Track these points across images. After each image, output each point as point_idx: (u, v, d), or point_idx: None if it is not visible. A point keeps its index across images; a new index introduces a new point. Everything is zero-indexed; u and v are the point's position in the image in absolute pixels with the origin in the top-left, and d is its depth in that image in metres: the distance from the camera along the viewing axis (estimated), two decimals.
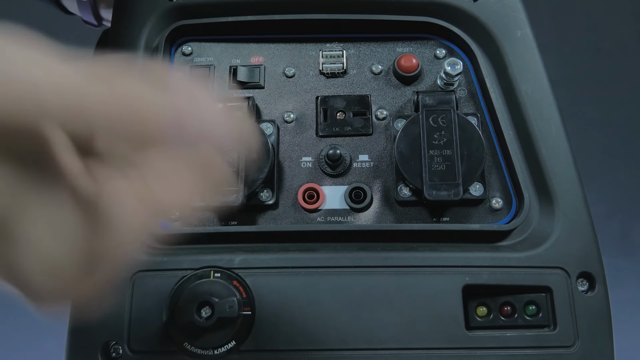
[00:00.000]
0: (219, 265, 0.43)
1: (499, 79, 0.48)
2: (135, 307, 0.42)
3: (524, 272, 0.43)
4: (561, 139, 0.46)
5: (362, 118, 0.48)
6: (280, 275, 0.43)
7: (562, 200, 0.45)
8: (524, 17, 0.49)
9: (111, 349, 0.42)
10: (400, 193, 0.45)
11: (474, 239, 0.45)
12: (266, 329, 0.42)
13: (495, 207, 0.46)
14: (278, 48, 0.50)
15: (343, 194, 0.46)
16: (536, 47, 0.48)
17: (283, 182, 0.47)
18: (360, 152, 0.47)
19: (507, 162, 0.46)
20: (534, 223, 0.45)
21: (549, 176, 0.45)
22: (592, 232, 0.44)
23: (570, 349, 0.42)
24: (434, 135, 0.44)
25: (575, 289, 0.43)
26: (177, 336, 0.41)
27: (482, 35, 0.49)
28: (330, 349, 0.41)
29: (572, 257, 0.43)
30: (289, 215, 0.46)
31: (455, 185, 0.43)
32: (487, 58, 0.49)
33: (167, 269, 0.43)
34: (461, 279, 0.42)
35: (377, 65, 0.49)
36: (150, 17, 0.48)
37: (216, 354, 0.41)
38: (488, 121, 0.48)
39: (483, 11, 0.49)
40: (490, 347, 0.41)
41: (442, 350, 0.41)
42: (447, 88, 0.48)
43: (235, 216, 0.46)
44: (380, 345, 0.41)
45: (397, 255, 0.43)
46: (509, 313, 0.43)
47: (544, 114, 0.46)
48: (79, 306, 0.41)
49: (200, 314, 0.40)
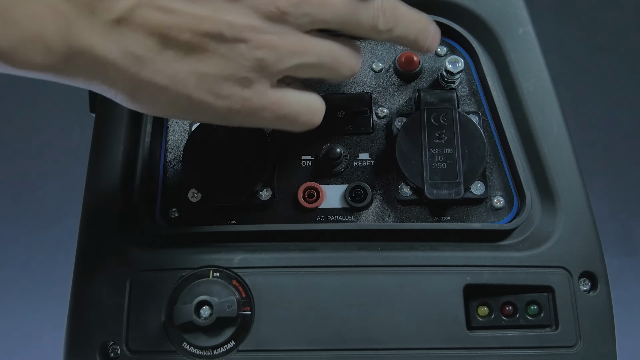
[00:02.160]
0: (218, 264, 0.43)
1: (500, 77, 0.48)
2: (133, 306, 0.42)
3: (526, 271, 0.42)
4: (563, 137, 0.46)
5: (363, 116, 0.48)
6: (280, 275, 0.42)
7: (564, 199, 0.44)
8: (525, 15, 0.48)
9: (109, 348, 0.42)
10: (400, 192, 0.45)
11: (475, 238, 0.45)
12: (266, 328, 0.41)
13: (497, 206, 0.46)
14: None
15: (343, 193, 0.46)
16: (538, 44, 0.48)
17: (283, 180, 0.47)
18: (360, 151, 0.47)
19: (509, 160, 0.46)
20: (535, 222, 0.45)
21: (550, 175, 0.45)
22: (594, 231, 0.44)
23: (572, 349, 0.41)
24: (434, 133, 0.44)
25: (578, 288, 0.42)
26: (176, 336, 0.41)
27: (484, 32, 0.48)
28: (330, 349, 0.41)
29: (574, 257, 0.43)
30: (288, 214, 0.46)
31: (456, 184, 0.43)
32: (489, 56, 0.48)
33: (165, 268, 0.43)
34: (462, 278, 0.42)
35: (377, 63, 0.49)
36: None
37: (215, 354, 0.41)
38: (489, 119, 0.47)
39: (484, 8, 0.48)
40: (492, 347, 0.41)
41: (443, 350, 0.41)
42: (448, 86, 0.48)
43: (234, 215, 0.46)
44: (381, 346, 0.41)
45: (398, 255, 0.43)
46: (510, 313, 0.43)
47: (545, 112, 0.46)
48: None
49: (199, 314, 0.40)
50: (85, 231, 0.44)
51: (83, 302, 0.42)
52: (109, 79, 0.32)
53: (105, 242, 0.44)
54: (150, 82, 0.32)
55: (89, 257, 0.43)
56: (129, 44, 0.31)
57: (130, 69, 0.31)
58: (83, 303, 0.42)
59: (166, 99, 0.33)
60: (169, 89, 0.32)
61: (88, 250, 0.44)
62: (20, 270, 1.36)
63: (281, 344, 0.41)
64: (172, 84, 0.32)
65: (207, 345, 0.41)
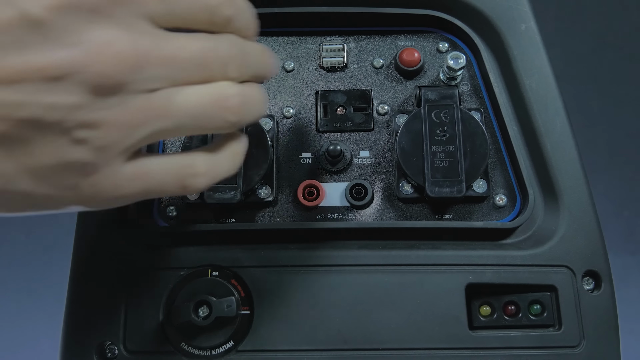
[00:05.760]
0: (216, 263, 0.42)
1: (502, 74, 0.47)
2: (131, 306, 0.42)
3: (529, 270, 0.42)
4: (566, 134, 0.45)
5: (363, 113, 0.47)
6: (280, 274, 0.42)
7: (567, 197, 0.44)
8: (528, 10, 0.48)
9: (106, 349, 0.41)
10: (401, 190, 0.45)
11: (477, 236, 0.44)
12: (265, 328, 0.41)
13: (499, 204, 0.45)
14: (277, 41, 0.49)
15: (343, 190, 0.46)
16: (541, 40, 0.47)
17: (282, 178, 0.46)
18: (361, 148, 0.47)
19: (511, 158, 0.45)
20: (538, 220, 0.44)
21: (553, 172, 0.44)
22: (597, 230, 0.44)
23: (575, 349, 0.41)
24: (436, 130, 0.44)
25: (581, 287, 0.42)
26: (174, 336, 0.41)
27: (486, 28, 0.48)
28: (330, 349, 0.41)
29: (578, 255, 0.43)
30: (288, 212, 0.46)
31: (458, 182, 0.42)
32: (491, 52, 0.48)
33: (163, 267, 0.43)
34: (464, 277, 0.42)
35: (378, 59, 0.49)
36: None
37: (214, 354, 0.41)
38: (492, 116, 0.47)
39: (487, 4, 0.48)
40: (494, 347, 0.41)
41: (445, 350, 0.41)
42: (450, 82, 0.47)
43: (233, 214, 0.45)
44: (382, 345, 0.41)
45: (399, 254, 0.43)
46: (513, 312, 0.42)
47: (548, 109, 0.45)
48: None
49: (197, 313, 0.40)
50: (82, 230, 0.44)
51: (80, 302, 0.42)
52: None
53: (102, 240, 0.43)
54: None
55: (86, 256, 0.43)
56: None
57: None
58: (80, 303, 0.42)
59: (3, 200, 0.28)
60: (1, 190, 0.27)
61: (85, 249, 0.43)
62: (16, 269, 1.36)
63: (281, 344, 0.41)
64: (2, 184, 0.26)
65: (205, 345, 0.41)
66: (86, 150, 0.27)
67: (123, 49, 0.26)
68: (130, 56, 0.26)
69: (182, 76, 0.29)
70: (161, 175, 0.30)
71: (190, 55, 0.29)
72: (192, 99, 0.29)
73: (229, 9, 0.30)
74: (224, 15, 0.30)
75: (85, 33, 0.26)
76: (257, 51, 0.33)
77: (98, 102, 0.26)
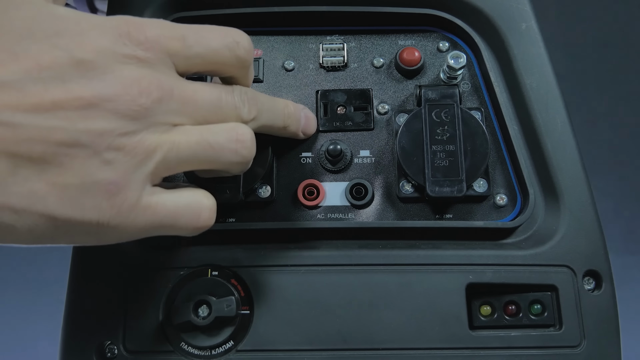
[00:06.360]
0: (216, 263, 0.42)
1: (503, 73, 0.47)
2: (131, 306, 0.42)
3: (529, 270, 0.42)
4: (567, 134, 0.45)
5: (363, 112, 0.47)
6: (280, 274, 0.42)
7: (567, 197, 0.44)
8: (529, 9, 0.48)
9: (106, 349, 0.41)
10: (402, 189, 0.45)
11: (478, 236, 0.44)
12: (265, 328, 0.41)
13: (500, 203, 0.45)
14: (277, 41, 0.49)
15: (344, 190, 0.45)
16: (541, 40, 0.47)
17: (282, 178, 0.46)
18: (361, 148, 0.47)
19: (512, 157, 0.45)
20: (539, 220, 0.44)
21: (554, 172, 0.44)
22: (598, 229, 0.43)
23: (576, 349, 0.41)
24: (436, 130, 0.43)
25: (582, 287, 0.42)
26: (174, 336, 0.41)
27: (486, 27, 0.48)
28: (330, 348, 0.41)
29: (578, 255, 0.43)
30: (288, 212, 0.46)
31: (458, 182, 0.42)
32: (491, 51, 0.48)
33: (163, 267, 0.42)
34: (464, 277, 0.42)
35: (378, 59, 0.48)
36: (147, 9, 0.48)
37: (214, 354, 0.41)
38: (492, 116, 0.47)
39: (487, 3, 0.48)
40: (495, 347, 0.41)
41: (445, 350, 0.41)
42: (450, 82, 0.47)
43: (233, 213, 0.45)
44: (382, 345, 0.41)
45: (399, 253, 0.42)
46: (513, 312, 0.42)
47: (549, 109, 0.45)
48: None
49: (197, 313, 0.40)
50: None
51: (80, 302, 0.42)
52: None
53: None
54: (4, 206, 0.28)
55: (86, 256, 0.43)
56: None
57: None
58: (80, 303, 0.42)
59: (24, 224, 0.29)
60: (26, 211, 0.29)
61: (84, 249, 0.43)
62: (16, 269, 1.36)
63: (281, 344, 0.41)
64: (30, 204, 0.28)
65: (205, 345, 0.40)
66: (112, 170, 0.30)
67: (149, 85, 0.31)
68: (155, 90, 0.31)
69: (200, 114, 0.34)
70: (174, 208, 0.34)
71: (207, 97, 0.34)
72: (208, 132, 0.34)
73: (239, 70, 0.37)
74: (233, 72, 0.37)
75: (118, 71, 0.30)
76: (270, 102, 0.39)
77: (126, 127, 0.30)
